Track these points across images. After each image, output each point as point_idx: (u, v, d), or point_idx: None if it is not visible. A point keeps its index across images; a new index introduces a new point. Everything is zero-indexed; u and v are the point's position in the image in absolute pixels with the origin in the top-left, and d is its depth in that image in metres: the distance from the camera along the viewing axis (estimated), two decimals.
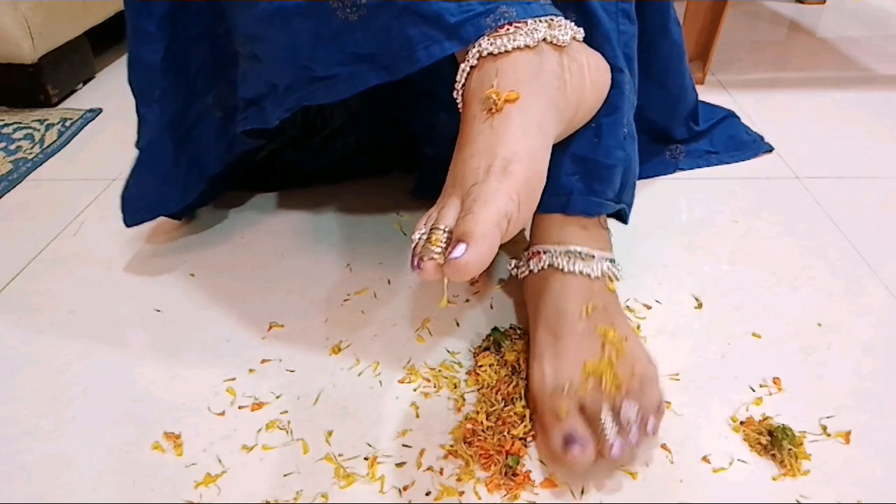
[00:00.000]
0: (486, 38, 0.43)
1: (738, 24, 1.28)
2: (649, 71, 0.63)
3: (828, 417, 0.46)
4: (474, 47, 0.43)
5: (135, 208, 0.61)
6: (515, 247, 0.59)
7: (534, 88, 0.42)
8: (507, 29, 0.43)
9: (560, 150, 0.50)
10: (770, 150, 0.81)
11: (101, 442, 0.46)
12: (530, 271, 0.51)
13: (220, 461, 0.44)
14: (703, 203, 0.71)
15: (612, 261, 0.50)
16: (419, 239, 0.39)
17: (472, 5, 0.43)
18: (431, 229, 0.38)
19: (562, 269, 0.48)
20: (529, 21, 0.44)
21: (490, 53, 0.43)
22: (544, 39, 0.44)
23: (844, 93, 0.97)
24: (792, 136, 0.84)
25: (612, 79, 0.50)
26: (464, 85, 0.44)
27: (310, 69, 0.47)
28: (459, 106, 0.45)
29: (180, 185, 0.60)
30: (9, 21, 0.89)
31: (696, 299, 0.57)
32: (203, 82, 0.58)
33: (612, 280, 0.49)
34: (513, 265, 0.54)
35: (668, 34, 0.65)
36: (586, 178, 0.50)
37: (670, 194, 0.73)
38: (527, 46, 0.43)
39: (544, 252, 0.50)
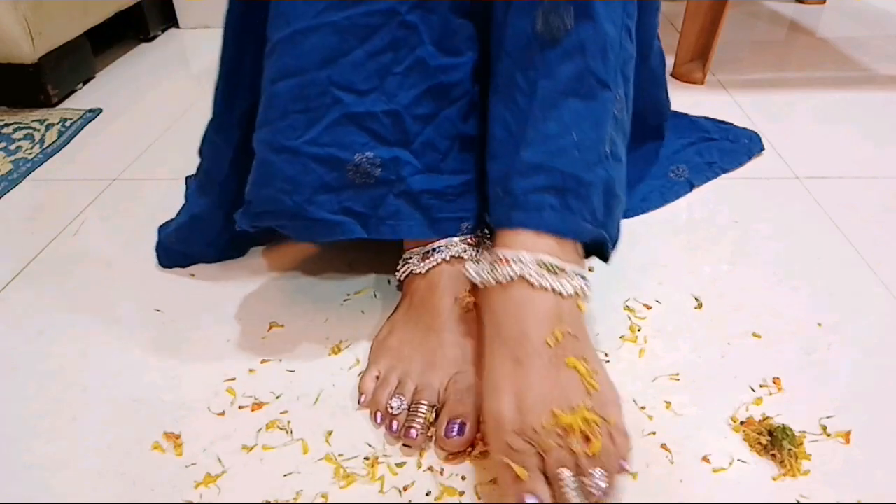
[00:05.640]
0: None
1: (738, 24, 1.28)
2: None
3: (828, 417, 0.46)
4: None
5: (173, 254, 0.64)
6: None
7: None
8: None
9: (535, 163, 0.46)
10: (761, 149, 0.81)
11: (101, 442, 0.46)
12: (497, 281, 0.44)
13: (220, 461, 0.44)
14: (703, 203, 0.71)
15: (584, 277, 0.46)
16: (399, 409, 0.45)
17: (462, 207, 0.51)
18: (416, 403, 0.45)
19: (531, 283, 0.43)
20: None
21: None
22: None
23: (844, 93, 0.97)
24: (792, 136, 0.85)
25: (595, 93, 0.46)
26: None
27: (304, 209, 0.48)
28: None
29: (221, 248, 0.64)
30: (9, 21, 0.89)
31: (696, 299, 0.57)
32: None
33: (581, 298, 0.45)
34: (468, 256, 0.51)
35: (648, 63, 0.65)
36: (562, 193, 0.45)
37: None
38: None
39: (514, 261, 0.43)
